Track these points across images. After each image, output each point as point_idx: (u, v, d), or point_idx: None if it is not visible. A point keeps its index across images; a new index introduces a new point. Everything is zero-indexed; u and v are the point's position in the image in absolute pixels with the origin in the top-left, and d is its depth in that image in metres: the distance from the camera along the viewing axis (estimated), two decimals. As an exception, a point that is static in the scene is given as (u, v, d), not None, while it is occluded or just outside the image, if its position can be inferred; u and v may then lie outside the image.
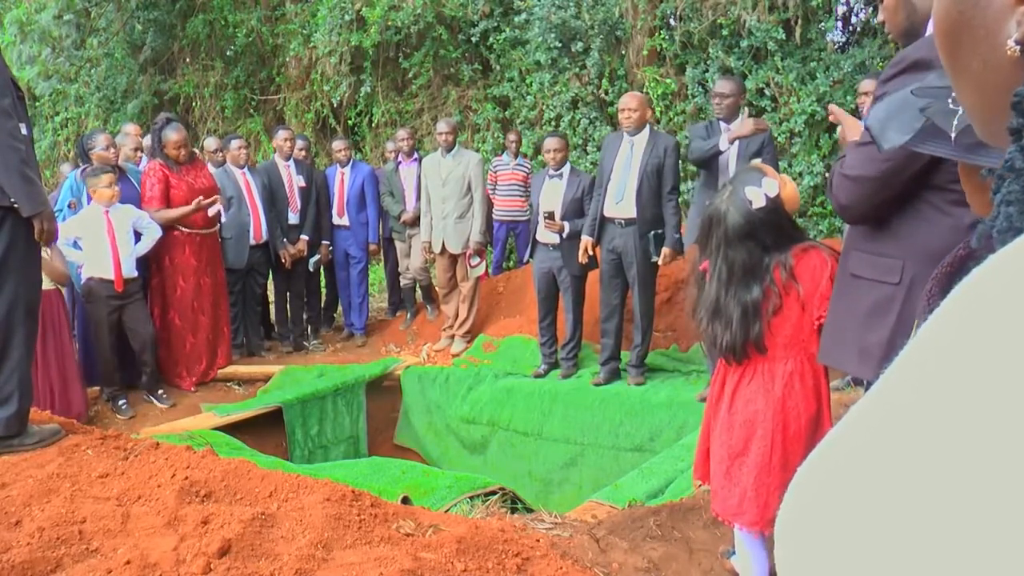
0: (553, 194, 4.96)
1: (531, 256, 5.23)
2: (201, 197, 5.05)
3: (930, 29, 1.69)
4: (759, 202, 1.92)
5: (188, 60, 10.16)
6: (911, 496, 0.29)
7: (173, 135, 5.02)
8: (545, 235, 4.95)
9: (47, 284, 4.25)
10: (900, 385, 0.34)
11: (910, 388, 0.33)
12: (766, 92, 6.78)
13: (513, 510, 3.00)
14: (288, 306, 6.27)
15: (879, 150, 0.87)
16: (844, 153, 1.76)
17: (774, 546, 0.38)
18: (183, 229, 5.08)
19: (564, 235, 4.85)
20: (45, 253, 4.18)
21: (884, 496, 0.30)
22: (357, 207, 6.23)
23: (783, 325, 1.97)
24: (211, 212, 5.11)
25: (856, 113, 5.67)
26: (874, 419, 0.34)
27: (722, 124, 4.32)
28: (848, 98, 6.34)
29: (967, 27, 0.47)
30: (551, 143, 4.97)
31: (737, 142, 4.23)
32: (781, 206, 1.97)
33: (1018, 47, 0.44)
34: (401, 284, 6.53)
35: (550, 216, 4.83)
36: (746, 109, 4.31)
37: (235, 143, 5.83)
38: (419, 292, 6.42)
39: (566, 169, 4.98)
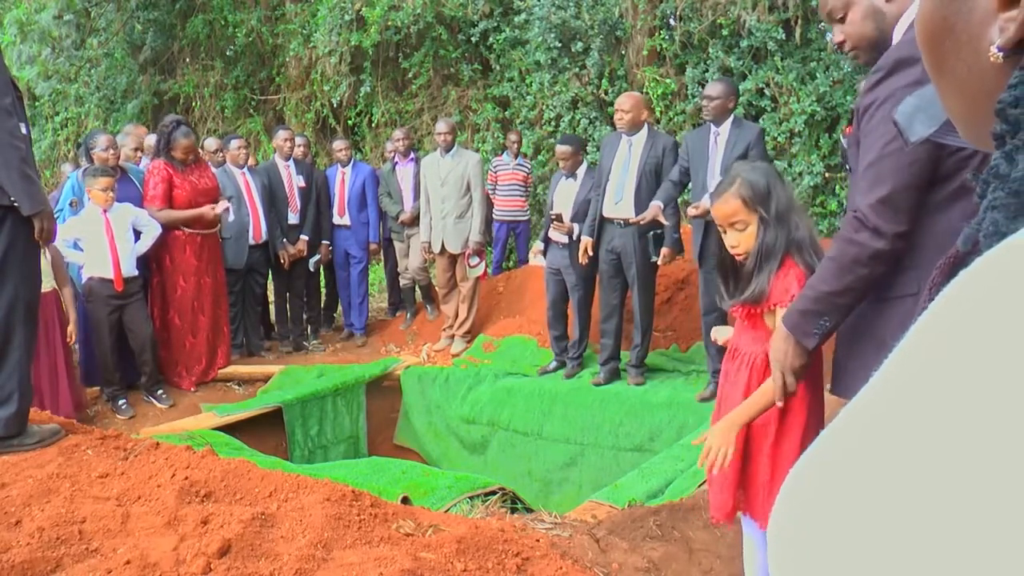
0: (567, 195, 4.97)
1: (544, 254, 5.24)
2: (223, 202, 5.14)
3: (896, 37, 1.67)
4: None
5: (188, 60, 10.16)
6: (902, 495, 0.29)
7: (184, 140, 5.05)
8: (556, 234, 4.97)
9: (46, 286, 4.24)
10: (890, 385, 0.34)
11: (900, 388, 0.33)
12: (766, 92, 6.78)
13: (513, 510, 3.00)
14: (288, 306, 6.28)
15: (906, 143, 0.86)
16: (855, 209, 1.65)
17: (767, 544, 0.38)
18: (184, 229, 5.09)
19: (573, 236, 4.87)
20: (44, 256, 4.17)
21: (876, 494, 0.31)
22: (358, 207, 6.23)
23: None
24: (219, 209, 5.14)
25: (854, 113, 5.67)
26: (865, 419, 0.34)
27: (712, 127, 4.29)
28: (848, 98, 6.35)
29: (951, 32, 0.47)
30: (561, 151, 4.97)
31: (724, 142, 4.21)
32: None
33: (1001, 53, 0.44)
34: (400, 284, 6.53)
35: (558, 218, 4.84)
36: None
37: (235, 143, 5.83)
38: (419, 292, 6.43)
39: (582, 170, 4.97)
